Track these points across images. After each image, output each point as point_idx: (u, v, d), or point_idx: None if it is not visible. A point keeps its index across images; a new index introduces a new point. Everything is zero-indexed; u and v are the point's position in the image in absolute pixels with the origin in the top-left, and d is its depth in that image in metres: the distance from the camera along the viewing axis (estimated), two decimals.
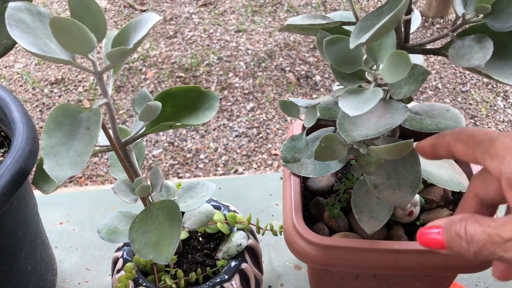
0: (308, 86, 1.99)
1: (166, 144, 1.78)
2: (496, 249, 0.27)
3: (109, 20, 2.27)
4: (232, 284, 0.48)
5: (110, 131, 0.40)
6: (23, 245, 0.49)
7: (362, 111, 0.33)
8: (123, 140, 0.41)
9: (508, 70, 0.34)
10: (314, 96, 1.97)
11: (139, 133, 0.41)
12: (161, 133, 1.82)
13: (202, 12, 2.37)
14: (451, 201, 0.46)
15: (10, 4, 0.35)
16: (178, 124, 0.40)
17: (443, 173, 0.43)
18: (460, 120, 0.40)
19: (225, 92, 1.96)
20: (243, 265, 0.50)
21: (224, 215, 0.54)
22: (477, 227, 0.28)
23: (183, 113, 0.42)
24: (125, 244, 0.52)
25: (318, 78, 2.02)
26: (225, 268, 0.49)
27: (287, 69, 2.01)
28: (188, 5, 2.41)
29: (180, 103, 0.43)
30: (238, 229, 0.52)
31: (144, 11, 2.38)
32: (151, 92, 2.05)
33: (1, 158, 0.49)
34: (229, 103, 1.90)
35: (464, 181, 0.43)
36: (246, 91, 1.96)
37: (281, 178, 0.73)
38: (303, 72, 2.01)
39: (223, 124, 1.80)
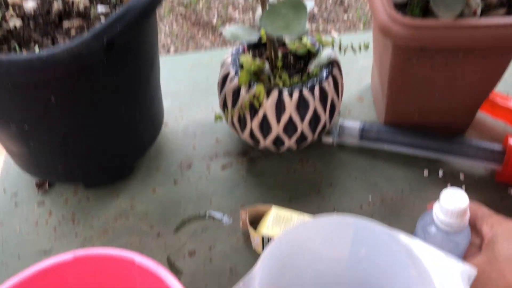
0: None
1: None
2: None
3: None
4: (328, 84, 0.59)
5: None
6: (156, 55, 0.58)
7: None
8: None
9: None
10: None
11: None
12: None
13: None
14: (507, 2, 0.58)
15: None
16: None
17: None
18: None
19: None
20: (334, 71, 0.61)
21: (310, 40, 0.64)
22: None
23: None
24: (233, 63, 0.62)
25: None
26: (321, 72, 0.60)
27: None
28: None
29: None
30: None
31: None
32: None
33: None
34: None
35: None
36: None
37: None
38: None
39: None
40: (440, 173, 0.64)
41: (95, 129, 0.54)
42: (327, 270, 0.44)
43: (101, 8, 0.52)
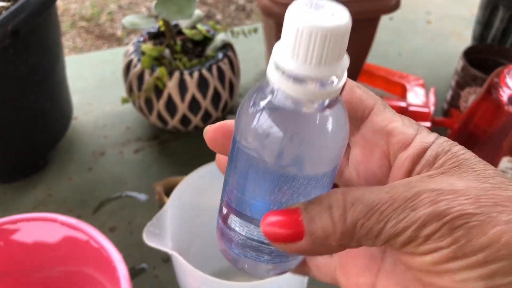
0: None
1: None
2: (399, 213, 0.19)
3: None
4: (224, 63, 0.66)
5: None
6: (60, 48, 0.62)
7: None
8: None
9: None
10: None
11: None
12: None
13: None
14: None
15: None
16: None
17: None
18: None
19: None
20: (229, 53, 0.68)
21: (205, 28, 0.71)
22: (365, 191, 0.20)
23: None
24: (135, 51, 0.67)
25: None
26: (217, 54, 0.67)
27: None
28: None
29: None
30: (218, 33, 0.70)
31: None
32: None
33: None
34: None
35: None
36: None
37: None
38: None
39: None
40: None
41: (4, 120, 0.57)
42: None
43: (1, 3, 0.55)
